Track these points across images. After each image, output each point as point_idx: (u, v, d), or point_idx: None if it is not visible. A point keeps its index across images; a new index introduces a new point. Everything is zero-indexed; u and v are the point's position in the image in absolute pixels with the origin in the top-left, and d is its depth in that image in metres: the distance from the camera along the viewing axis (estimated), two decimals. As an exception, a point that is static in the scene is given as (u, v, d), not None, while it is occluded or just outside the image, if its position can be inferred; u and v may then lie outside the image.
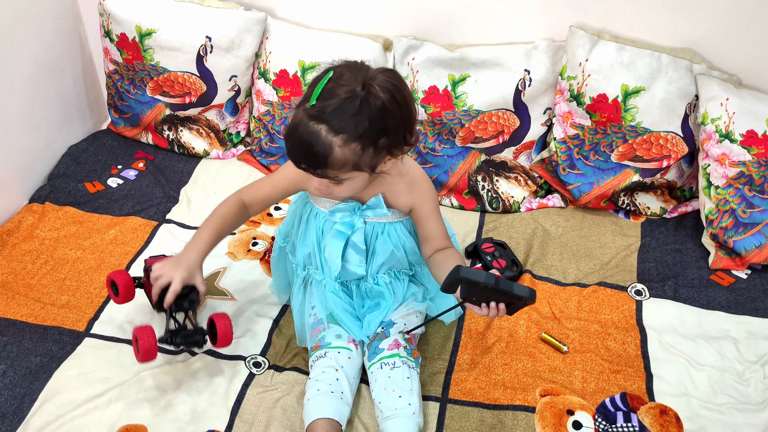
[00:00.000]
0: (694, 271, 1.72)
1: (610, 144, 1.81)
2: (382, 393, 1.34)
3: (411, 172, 1.38)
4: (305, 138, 1.17)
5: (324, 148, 1.16)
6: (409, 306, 1.48)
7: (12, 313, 1.57)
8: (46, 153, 2.01)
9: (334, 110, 1.15)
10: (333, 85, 1.17)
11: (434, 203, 1.40)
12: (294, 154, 1.20)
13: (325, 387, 1.33)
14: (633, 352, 1.52)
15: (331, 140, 1.16)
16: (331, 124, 1.16)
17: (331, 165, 1.18)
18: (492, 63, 1.83)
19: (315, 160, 1.18)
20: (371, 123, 1.16)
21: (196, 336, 1.36)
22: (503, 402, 1.42)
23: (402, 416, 1.31)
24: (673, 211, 1.89)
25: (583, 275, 1.71)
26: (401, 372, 1.37)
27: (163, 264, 1.35)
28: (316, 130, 1.16)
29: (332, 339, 1.42)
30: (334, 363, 1.38)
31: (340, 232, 1.38)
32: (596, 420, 1.37)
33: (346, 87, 1.16)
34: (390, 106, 1.17)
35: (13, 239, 1.76)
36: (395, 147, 1.23)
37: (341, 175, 1.21)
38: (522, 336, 1.55)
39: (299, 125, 1.18)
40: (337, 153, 1.17)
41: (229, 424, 1.37)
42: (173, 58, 1.95)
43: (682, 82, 1.75)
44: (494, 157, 1.90)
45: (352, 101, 1.15)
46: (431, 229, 1.39)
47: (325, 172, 1.20)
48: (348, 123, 1.15)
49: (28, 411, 1.37)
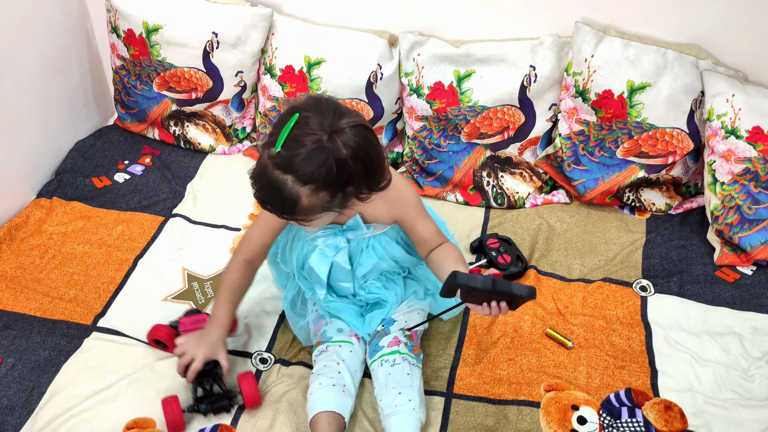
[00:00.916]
0: (699, 267, 1.72)
1: (615, 140, 1.81)
2: (383, 391, 1.35)
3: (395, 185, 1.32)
4: (272, 186, 1.15)
5: (291, 197, 1.15)
6: (411, 303, 1.48)
7: (20, 307, 1.58)
8: (54, 148, 2.02)
9: (301, 161, 1.12)
10: (298, 133, 1.13)
11: (417, 208, 1.38)
12: (261, 199, 1.19)
13: (327, 380, 1.34)
14: (638, 347, 1.52)
15: (298, 190, 1.14)
16: (297, 175, 1.13)
17: (299, 212, 1.18)
18: (497, 59, 1.83)
19: (282, 207, 1.18)
20: (338, 173, 1.14)
21: (222, 401, 1.36)
22: (508, 397, 1.42)
23: (402, 413, 1.31)
24: (678, 208, 1.89)
25: (588, 271, 1.71)
26: (401, 369, 1.37)
27: (187, 340, 1.37)
28: (282, 179, 1.14)
29: (334, 333, 1.43)
30: (336, 357, 1.39)
31: (323, 255, 1.39)
32: (601, 415, 1.38)
33: (312, 136, 1.12)
34: (353, 163, 1.14)
35: (21, 234, 1.77)
36: (362, 193, 1.21)
37: (310, 218, 1.21)
38: (527, 331, 1.55)
39: (265, 172, 1.15)
40: (305, 202, 1.16)
41: (234, 418, 1.38)
42: (180, 53, 1.96)
43: (687, 78, 1.75)
44: (499, 152, 1.90)
45: (318, 152, 1.12)
46: (421, 233, 1.39)
47: (293, 217, 1.20)
48: (315, 174, 1.12)
49: (37, 404, 1.39)
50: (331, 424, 1.29)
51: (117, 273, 1.68)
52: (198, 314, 1.44)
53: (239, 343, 1.53)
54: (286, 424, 1.36)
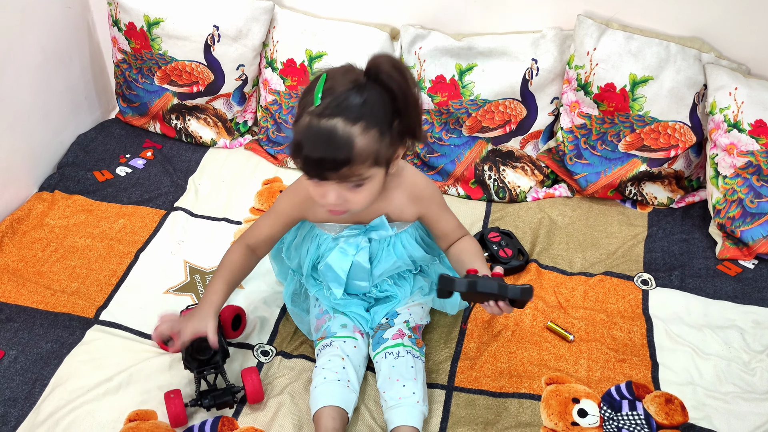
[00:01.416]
0: (700, 260, 1.72)
1: (617, 133, 1.81)
2: (386, 382, 1.35)
3: (409, 181, 1.35)
4: (322, 136, 1.11)
5: (345, 140, 1.11)
6: (415, 298, 1.48)
7: (23, 299, 1.59)
8: (55, 142, 2.02)
9: (345, 101, 1.12)
10: (332, 83, 1.14)
11: (440, 204, 1.39)
12: (313, 160, 1.13)
13: (332, 375, 1.34)
14: (639, 341, 1.52)
15: (350, 131, 1.11)
16: (345, 115, 1.11)
17: (354, 159, 1.12)
18: (499, 52, 1.82)
19: (337, 157, 1.12)
20: (384, 106, 1.14)
21: (225, 396, 1.35)
22: (509, 390, 1.42)
23: (406, 405, 1.31)
24: (680, 201, 1.88)
25: (590, 265, 1.71)
26: (405, 361, 1.37)
27: (178, 321, 1.35)
28: (331, 125, 1.11)
29: (338, 329, 1.43)
30: (341, 352, 1.38)
31: (344, 254, 1.38)
32: (601, 408, 1.38)
33: (347, 79, 1.14)
34: (396, 87, 1.14)
35: (23, 227, 1.78)
36: (407, 133, 1.20)
37: (364, 172, 1.16)
38: (528, 325, 1.55)
39: (311, 128, 1.12)
40: (360, 142, 1.12)
41: (236, 411, 1.38)
42: (181, 47, 1.96)
43: (690, 72, 1.74)
44: (501, 146, 1.90)
45: (359, 90, 1.13)
46: (444, 227, 1.40)
47: (350, 170, 1.14)
48: (362, 108, 1.12)
49: (39, 396, 1.39)
50: (335, 418, 1.29)
51: (119, 266, 1.69)
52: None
53: (241, 335, 1.53)
54: (287, 417, 1.36)
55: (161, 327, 1.33)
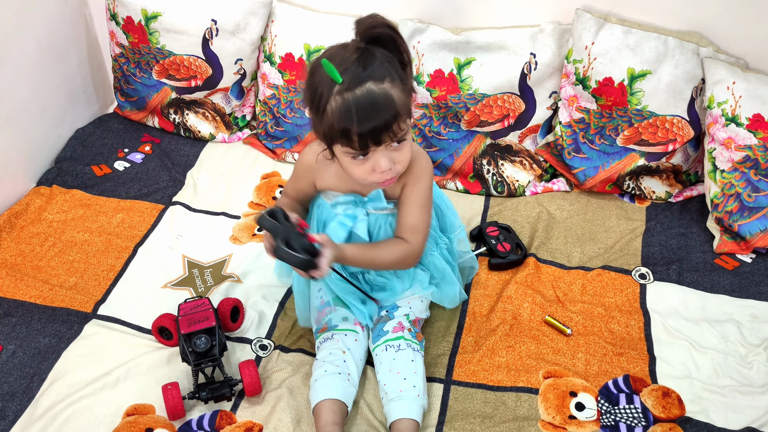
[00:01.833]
0: (698, 255, 1.72)
1: (615, 128, 1.81)
2: (387, 375, 1.36)
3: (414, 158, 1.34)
4: (366, 104, 1.15)
5: (386, 98, 1.16)
6: (414, 291, 1.48)
7: (21, 294, 1.59)
8: (53, 136, 2.01)
9: (365, 66, 1.15)
10: (339, 60, 1.17)
11: (421, 193, 1.37)
12: (368, 129, 1.16)
13: (333, 368, 1.34)
14: (636, 335, 1.53)
15: (383, 88, 1.16)
16: (373, 77, 1.15)
17: (399, 111, 1.17)
18: (498, 46, 1.82)
19: (386, 114, 1.16)
20: (393, 59, 1.19)
21: (222, 389, 1.36)
22: (506, 384, 1.43)
23: (407, 398, 1.32)
24: (678, 196, 1.88)
25: (588, 259, 1.71)
26: (406, 354, 1.38)
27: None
28: (366, 90, 1.15)
29: (339, 321, 1.43)
30: (342, 345, 1.39)
31: (342, 224, 1.38)
32: (599, 402, 1.38)
33: (349, 51, 1.17)
34: (394, 36, 1.20)
35: (21, 222, 1.78)
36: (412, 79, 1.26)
37: (404, 126, 1.20)
38: (526, 319, 1.56)
39: (350, 102, 1.15)
40: (396, 95, 1.17)
41: (234, 404, 1.38)
42: (179, 41, 1.95)
43: (688, 66, 1.74)
44: (499, 140, 1.90)
45: (366, 54, 1.17)
46: (401, 217, 1.38)
47: (398, 126, 1.18)
48: (382, 68, 1.17)
49: (37, 390, 1.40)
50: (335, 412, 1.30)
51: (117, 260, 1.69)
52: (198, 299, 1.44)
53: (239, 329, 1.53)
54: (285, 410, 1.36)
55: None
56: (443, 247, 1.50)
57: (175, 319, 1.45)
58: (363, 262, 1.37)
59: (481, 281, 1.65)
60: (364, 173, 1.25)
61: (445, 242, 1.51)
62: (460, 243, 1.57)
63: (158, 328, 1.47)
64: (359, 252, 1.35)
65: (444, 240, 1.51)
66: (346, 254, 1.31)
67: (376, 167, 1.23)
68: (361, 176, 1.26)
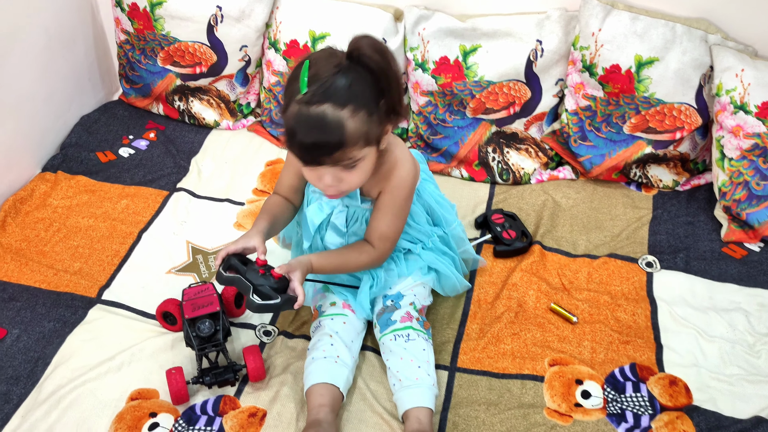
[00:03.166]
0: (706, 243, 1.71)
1: (622, 115, 1.79)
2: (400, 362, 1.35)
3: (392, 161, 1.33)
4: (313, 123, 1.13)
5: (336, 125, 1.13)
6: (415, 277, 1.48)
7: (25, 279, 1.59)
8: (59, 123, 2.01)
9: (331, 86, 1.13)
10: (316, 69, 1.15)
11: (397, 202, 1.35)
12: (306, 146, 1.16)
13: (319, 354, 1.35)
14: (643, 323, 1.52)
15: (339, 115, 1.13)
16: (333, 100, 1.13)
17: (346, 142, 1.15)
18: (503, 33, 1.81)
19: (329, 141, 1.14)
20: (369, 86, 1.16)
21: (227, 374, 1.35)
22: (512, 371, 1.42)
23: (423, 386, 1.31)
24: (685, 184, 1.87)
25: (594, 247, 1.70)
26: (417, 344, 1.37)
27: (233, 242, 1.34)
28: (320, 111, 1.13)
29: (327, 307, 1.44)
30: (328, 330, 1.39)
31: (320, 209, 1.39)
32: (605, 390, 1.37)
33: (330, 64, 1.15)
34: (378, 68, 1.16)
35: (26, 207, 1.78)
36: (393, 111, 1.22)
37: (356, 154, 1.18)
38: (531, 306, 1.55)
39: (300, 115, 1.14)
40: (350, 125, 1.14)
41: (238, 390, 1.38)
42: (184, 27, 1.95)
43: (696, 53, 1.72)
44: (505, 128, 1.89)
45: (344, 73, 1.15)
46: (374, 222, 1.36)
47: (342, 154, 1.16)
48: (349, 93, 1.14)
49: (42, 374, 1.39)
50: (323, 395, 1.30)
51: (121, 246, 1.68)
52: (202, 284, 1.44)
53: (242, 315, 1.53)
54: (289, 396, 1.36)
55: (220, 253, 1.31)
56: (436, 240, 1.50)
57: (179, 305, 1.44)
58: (330, 269, 1.38)
59: (486, 269, 1.64)
60: (312, 179, 1.26)
61: (438, 234, 1.50)
62: (455, 238, 1.54)
63: (162, 313, 1.47)
64: (327, 261, 1.37)
65: (437, 232, 1.50)
66: (314, 266, 1.33)
67: (318, 182, 1.25)
68: (310, 180, 1.28)
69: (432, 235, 1.49)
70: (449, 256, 1.52)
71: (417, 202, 1.44)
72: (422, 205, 1.47)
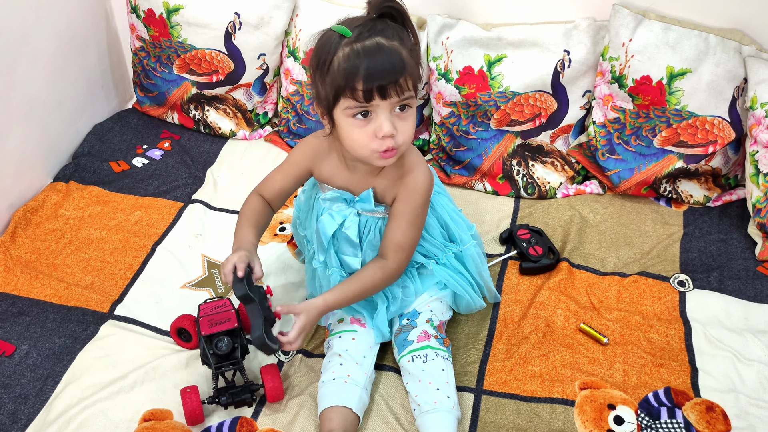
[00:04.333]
0: (740, 262, 1.65)
1: (652, 128, 1.74)
2: (418, 386, 1.30)
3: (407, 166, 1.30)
4: (374, 50, 1.13)
5: (395, 51, 1.15)
6: (431, 293, 1.43)
7: (35, 293, 1.54)
8: (71, 131, 1.97)
9: (374, 26, 1.16)
10: (347, 23, 1.17)
11: (414, 210, 1.30)
12: (370, 75, 1.13)
13: (329, 376, 1.30)
14: (677, 345, 1.45)
15: (393, 44, 1.15)
16: (382, 35, 1.15)
17: (407, 66, 1.15)
18: (530, 43, 1.76)
19: (395, 63, 1.14)
20: (403, 31, 1.19)
21: (243, 394, 1.31)
22: (540, 395, 1.36)
23: (443, 410, 1.26)
24: (717, 200, 1.81)
25: (623, 264, 1.64)
26: (436, 364, 1.32)
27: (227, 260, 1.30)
28: (375, 41, 1.14)
29: (335, 325, 1.40)
30: (336, 350, 1.35)
31: (332, 219, 1.34)
32: (639, 415, 1.31)
33: (360, 19, 1.18)
34: (404, 14, 1.21)
35: (37, 218, 1.73)
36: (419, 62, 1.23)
37: (411, 88, 1.18)
38: (560, 326, 1.49)
39: (357, 49, 1.13)
40: (406, 54, 1.16)
41: (255, 411, 1.33)
42: (201, 34, 1.91)
43: (730, 65, 1.67)
44: (530, 140, 1.84)
45: (377, 20, 1.17)
46: (390, 231, 1.32)
47: (405, 82, 1.16)
48: (392, 32, 1.17)
49: (51, 393, 1.35)
50: (332, 419, 1.25)
51: (135, 259, 1.64)
52: (218, 300, 1.39)
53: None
54: (308, 418, 1.31)
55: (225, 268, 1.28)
56: (450, 256, 1.44)
57: (194, 321, 1.39)
58: (348, 300, 1.33)
59: (512, 286, 1.59)
60: (365, 138, 1.19)
61: (454, 251, 1.45)
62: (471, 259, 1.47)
63: (177, 329, 1.42)
64: (342, 293, 1.32)
65: (452, 248, 1.45)
66: (328, 304, 1.30)
67: (378, 131, 1.17)
68: (361, 141, 1.20)
69: (446, 251, 1.44)
70: (464, 277, 1.46)
71: (431, 214, 1.40)
72: (436, 218, 1.42)
